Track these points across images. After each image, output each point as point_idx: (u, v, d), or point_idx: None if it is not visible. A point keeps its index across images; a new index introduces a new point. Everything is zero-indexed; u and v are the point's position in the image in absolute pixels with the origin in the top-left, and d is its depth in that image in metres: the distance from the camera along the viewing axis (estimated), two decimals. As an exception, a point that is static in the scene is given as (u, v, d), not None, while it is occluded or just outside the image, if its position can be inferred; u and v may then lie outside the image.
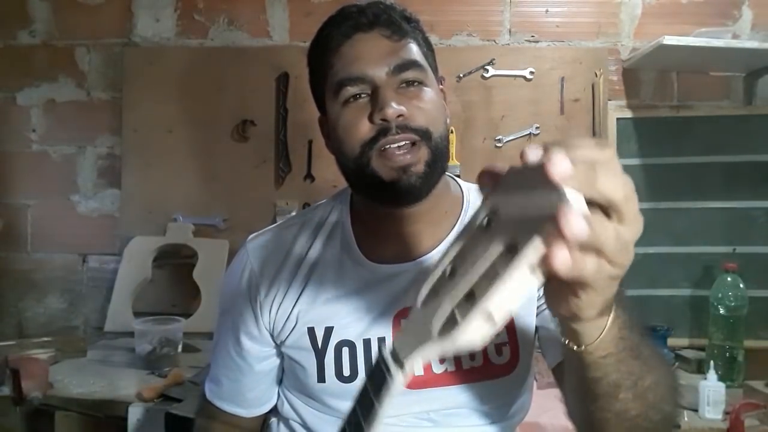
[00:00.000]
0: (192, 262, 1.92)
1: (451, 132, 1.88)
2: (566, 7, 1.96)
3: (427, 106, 0.77)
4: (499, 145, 1.92)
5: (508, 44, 1.96)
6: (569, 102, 1.93)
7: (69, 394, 1.48)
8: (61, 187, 2.06)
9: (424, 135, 0.76)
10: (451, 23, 1.94)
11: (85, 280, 2.05)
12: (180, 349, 1.70)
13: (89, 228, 2.05)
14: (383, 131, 0.75)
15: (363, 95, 0.77)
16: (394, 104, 0.74)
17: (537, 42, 1.97)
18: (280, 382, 0.89)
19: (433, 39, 1.91)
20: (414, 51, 0.79)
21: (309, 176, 1.97)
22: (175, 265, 1.98)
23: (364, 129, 0.76)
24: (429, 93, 0.78)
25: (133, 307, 1.90)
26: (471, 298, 0.37)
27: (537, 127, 1.92)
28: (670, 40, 1.65)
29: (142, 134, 2.01)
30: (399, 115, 0.74)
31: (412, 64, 0.77)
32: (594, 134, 1.91)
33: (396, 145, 0.75)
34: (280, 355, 0.86)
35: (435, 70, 0.84)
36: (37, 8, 2.06)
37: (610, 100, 1.93)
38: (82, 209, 2.06)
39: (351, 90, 0.77)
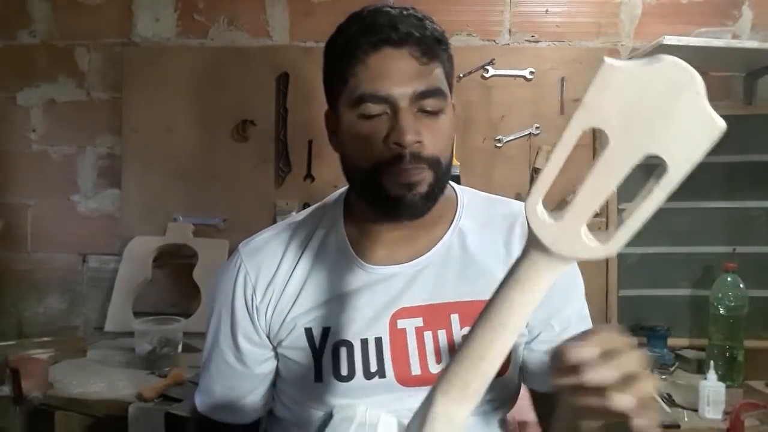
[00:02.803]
0: (192, 262, 1.92)
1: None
2: (566, 7, 1.96)
3: (441, 136, 0.77)
4: (499, 145, 1.92)
5: (508, 44, 1.96)
6: (569, 102, 1.93)
7: (69, 394, 1.48)
8: (61, 187, 2.06)
9: (434, 164, 0.77)
10: (451, 23, 1.94)
11: (85, 280, 2.05)
12: (180, 349, 1.70)
13: (89, 228, 2.05)
14: (398, 158, 0.74)
15: (382, 114, 0.76)
16: (412, 132, 0.74)
17: (537, 42, 1.97)
18: (273, 383, 0.89)
19: (433, 39, 1.94)
20: (440, 77, 0.78)
21: (309, 176, 1.97)
22: (175, 265, 1.98)
23: (378, 149, 0.75)
24: (445, 121, 0.78)
25: (133, 307, 1.90)
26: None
27: (537, 127, 1.92)
28: (670, 40, 1.65)
29: (142, 134, 2.02)
30: (417, 142, 0.75)
31: (436, 93, 0.77)
32: (594, 134, 1.90)
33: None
34: (277, 357, 0.86)
35: (452, 87, 0.84)
36: (37, 8, 2.06)
37: (610, 100, 1.93)
38: (82, 209, 2.06)
39: (372, 107, 0.76)
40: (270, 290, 0.84)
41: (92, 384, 1.53)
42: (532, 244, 0.44)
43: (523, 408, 0.95)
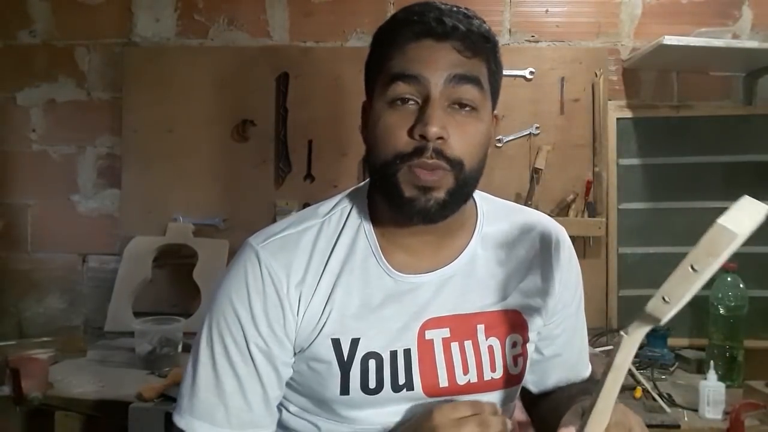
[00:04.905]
0: (192, 262, 1.92)
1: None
2: (566, 7, 1.96)
3: (470, 137, 0.74)
4: (499, 145, 1.92)
5: (508, 44, 1.96)
6: (569, 102, 1.93)
7: (69, 394, 1.48)
8: (61, 187, 2.06)
9: (456, 166, 0.73)
10: (451, 23, 1.94)
11: (85, 280, 2.05)
12: (180, 349, 1.70)
13: (89, 228, 2.05)
14: (419, 150, 0.72)
15: (411, 101, 0.73)
16: (438, 125, 0.71)
17: (537, 42, 1.97)
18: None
19: (433, 39, 1.94)
20: (482, 71, 0.75)
21: (309, 176, 1.97)
22: (175, 265, 1.98)
23: (402, 141, 0.73)
24: (477, 123, 0.75)
25: (133, 307, 1.90)
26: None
27: (537, 127, 1.92)
28: (670, 40, 1.65)
29: (142, 134, 2.01)
30: (439, 137, 0.71)
31: (473, 80, 0.73)
32: (594, 134, 1.91)
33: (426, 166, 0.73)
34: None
35: (496, 95, 0.80)
36: (37, 8, 2.06)
37: (610, 100, 1.93)
38: (82, 209, 2.07)
39: (402, 88, 0.73)
40: (299, 292, 0.77)
41: (92, 384, 1.53)
42: (645, 320, 0.64)
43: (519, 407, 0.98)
